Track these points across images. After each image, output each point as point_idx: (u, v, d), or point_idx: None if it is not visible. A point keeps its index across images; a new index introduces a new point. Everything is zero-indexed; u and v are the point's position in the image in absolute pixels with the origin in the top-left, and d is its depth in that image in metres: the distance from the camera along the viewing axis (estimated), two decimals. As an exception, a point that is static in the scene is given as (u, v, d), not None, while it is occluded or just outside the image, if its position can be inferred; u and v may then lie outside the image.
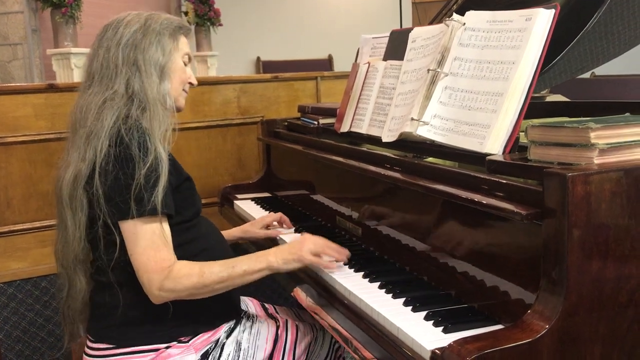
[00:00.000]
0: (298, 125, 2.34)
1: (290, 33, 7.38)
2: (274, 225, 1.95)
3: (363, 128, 1.81)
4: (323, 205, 1.99)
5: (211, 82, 2.82)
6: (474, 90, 1.37)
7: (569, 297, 1.01)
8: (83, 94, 1.50)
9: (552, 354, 1.01)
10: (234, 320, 1.58)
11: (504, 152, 1.27)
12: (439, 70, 1.45)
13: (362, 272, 1.47)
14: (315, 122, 2.18)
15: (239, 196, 2.46)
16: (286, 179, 2.43)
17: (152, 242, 1.38)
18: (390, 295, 1.33)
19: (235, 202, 2.40)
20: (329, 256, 1.52)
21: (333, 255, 1.53)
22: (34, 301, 2.34)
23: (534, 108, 1.46)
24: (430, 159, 1.49)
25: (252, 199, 2.42)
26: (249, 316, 1.63)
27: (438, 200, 1.36)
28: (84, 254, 1.51)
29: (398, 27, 2.91)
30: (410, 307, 1.25)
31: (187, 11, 5.89)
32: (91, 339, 1.52)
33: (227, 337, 1.54)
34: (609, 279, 1.04)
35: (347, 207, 1.81)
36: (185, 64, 1.58)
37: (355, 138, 1.89)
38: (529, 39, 1.29)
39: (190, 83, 1.61)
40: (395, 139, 1.57)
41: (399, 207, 1.54)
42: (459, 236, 1.30)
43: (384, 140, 1.63)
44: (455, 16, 1.48)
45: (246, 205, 2.34)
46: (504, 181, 1.16)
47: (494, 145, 1.28)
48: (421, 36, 1.65)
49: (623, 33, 1.78)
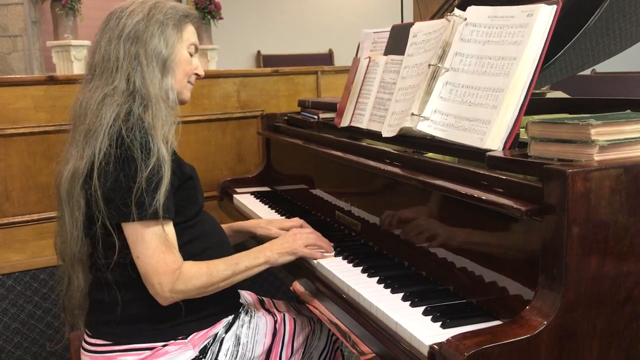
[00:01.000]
0: (298, 120, 2.34)
1: (291, 27, 7.37)
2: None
3: (363, 123, 1.81)
4: (322, 199, 1.99)
5: (211, 76, 2.81)
6: (474, 85, 1.37)
7: (568, 293, 1.01)
8: (84, 88, 1.47)
9: (550, 350, 1.01)
10: (233, 315, 1.58)
11: (504, 148, 1.27)
12: (439, 65, 1.45)
13: (361, 267, 1.48)
14: (315, 117, 2.18)
15: (238, 190, 2.46)
16: (286, 174, 2.43)
17: (159, 245, 1.36)
18: (389, 290, 1.33)
19: (235, 196, 2.39)
20: (319, 248, 1.59)
21: (323, 247, 1.59)
22: (33, 293, 2.34)
23: (534, 104, 1.45)
24: (430, 155, 1.49)
25: (252, 193, 2.42)
26: (247, 310, 1.63)
27: (438, 195, 1.36)
28: (82, 253, 1.49)
29: (399, 22, 2.90)
30: (409, 302, 1.26)
31: (188, 4, 5.88)
32: (89, 334, 1.51)
33: (226, 332, 1.53)
34: (607, 275, 1.04)
35: (347, 202, 1.81)
36: (191, 55, 1.53)
37: (355, 133, 1.88)
38: (531, 34, 1.29)
39: (196, 74, 1.56)
40: (395, 134, 1.57)
41: (398, 202, 1.54)
42: (458, 231, 1.30)
43: (384, 135, 1.63)
44: (457, 11, 1.47)
45: (245, 199, 2.34)
46: (503, 177, 1.16)
47: (494, 141, 1.28)
48: (422, 31, 1.65)
49: (625, 30, 1.78)
